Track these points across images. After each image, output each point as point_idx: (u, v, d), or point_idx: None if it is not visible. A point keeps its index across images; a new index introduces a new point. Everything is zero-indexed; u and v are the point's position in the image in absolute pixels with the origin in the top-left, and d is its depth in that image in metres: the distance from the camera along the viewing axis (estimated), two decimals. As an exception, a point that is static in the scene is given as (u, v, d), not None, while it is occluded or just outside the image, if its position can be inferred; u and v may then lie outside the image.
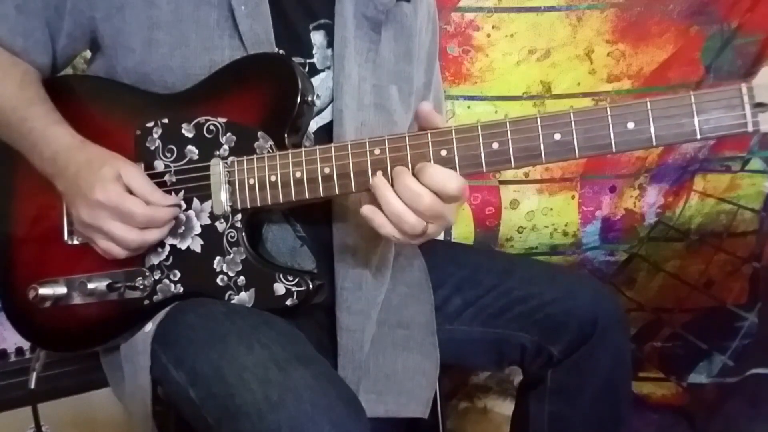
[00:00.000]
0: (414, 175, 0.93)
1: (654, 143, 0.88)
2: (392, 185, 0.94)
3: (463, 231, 2.03)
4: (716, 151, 2.02)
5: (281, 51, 1.10)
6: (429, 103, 0.99)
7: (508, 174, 2.00)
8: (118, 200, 1.00)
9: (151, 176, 1.06)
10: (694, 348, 2.05)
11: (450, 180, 0.92)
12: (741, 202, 2.01)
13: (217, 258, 1.04)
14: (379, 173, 0.96)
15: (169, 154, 1.07)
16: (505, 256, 1.85)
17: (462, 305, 1.26)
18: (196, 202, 1.06)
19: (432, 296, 1.25)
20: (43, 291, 1.07)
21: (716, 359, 2.02)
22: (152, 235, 1.03)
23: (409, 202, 0.92)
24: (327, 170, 0.99)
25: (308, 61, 1.14)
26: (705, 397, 2.02)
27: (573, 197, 2.04)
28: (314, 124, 1.13)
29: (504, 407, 2.07)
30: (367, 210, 0.95)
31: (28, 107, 1.08)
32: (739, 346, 2.00)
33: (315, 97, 1.07)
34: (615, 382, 1.21)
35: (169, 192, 1.06)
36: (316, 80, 1.13)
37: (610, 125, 0.88)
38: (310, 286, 1.02)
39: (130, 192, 1.02)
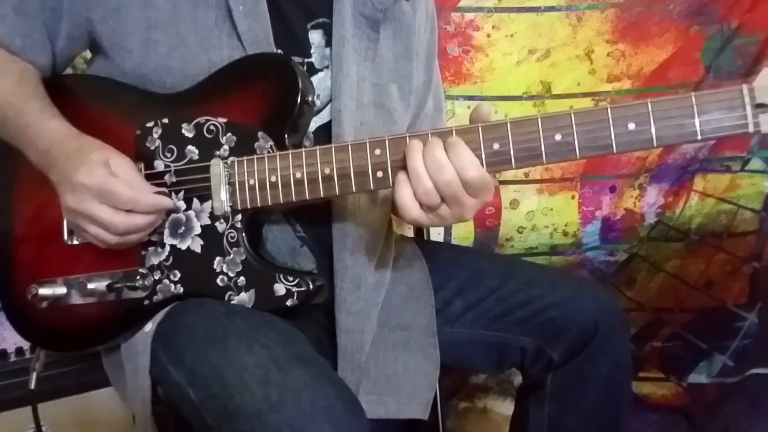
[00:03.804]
0: (445, 148, 0.93)
1: (655, 144, 0.88)
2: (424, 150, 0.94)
3: (463, 231, 2.03)
4: (716, 151, 2.02)
5: (279, 51, 1.10)
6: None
7: (508, 174, 2.00)
8: (101, 180, 0.99)
9: (151, 176, 1.07)
10: (694, 348, 2.05)
11: (471, 165, 0.92)
12: (741, 202, 2.01)
13: (217, 258, 1.04)
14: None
15: (169, 154, 1.07)
16: (507, 258, 1.85)
17: (463, 308, 1.25)
18: (196, 202, 1.06)
19: (433, 298, 1.25)
20: (43, 291, 1.07)
21: (716, 359, 2.02)
22: (139, 220, 1.02)
23: (431, 170, 0.92)
24: (327, 171, 0.99)
25: (306, 60, 1.14)
26: (705, 397, 2.02)
27: (573, 197, 2.04)
28: (313, 124, 1.12)
29: (504, 407, 2.07)
30: (401, 175, 0.95)
31: (25, 103, 1.08)
32: (739, 346, 1.99)
33: (315, 97, 1.07)
34: (615, 387, 1.21)
35: (169, 192, 1.06)
36: (314, 80, 1.13)
37: (611, 126, 0.88)
38: (311, 286, 1.02)
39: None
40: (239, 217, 1.04)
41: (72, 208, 1.02)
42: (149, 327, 1.05)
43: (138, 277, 1.07)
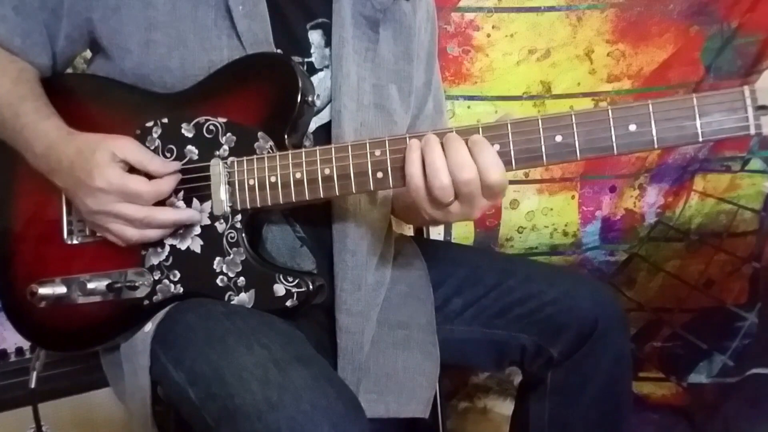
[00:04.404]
0: (468, 146, 0.92)
1: (655, 145, 0.87)
2: (443, 145, 0.92)
3: (463, 231, 2.03)
4: (716, 151, 2.02)
5: (279, 50, 1.10)
6: None
7: (508, 174, 1.98)
8: (120, 182, 1.00)
9: (151, 177, 1.06)
10: (694, 348, 2.05)
11: (495, 167, 0.91)
12: (741, 202, 2.01)
13: (217, 258, 1.04)
14: None
15: (168, 154, 1.07)
16: (505, 256, 1.85)
17: (462, 305, 1.25)
18: (195, 202, 1.05)
19: (432, 296, 1.25)
20: (43, 291, 1.07)
21: (716, 359, 2.02)
22: (164, 214, 1.03)
23: (452, 165, 0.91)
24: (327, 171, 0.99)
25: (306, 60, 1.14)
26: (705, 397, 2.02)
27: (573, 197, 2.04)
28: (313, 124, 1.12)
29: (504, 407, 2.07)
30: (414, 143, 0.93)
31: (21, 104, 1.08)
32: (739, 346, 1.99)
33: (315, 97, 1.07)
34: (615, 383, 1.21)
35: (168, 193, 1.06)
36: (314, 80, 1.13)
37: (612, 127, 0.88)
38: (310, 286, 1.02)
39: (130, 169, 1.02)
40: (239, 217, 1.04)
41: (95, 210, 1.02)
42: (149, 327, 1.05)
43: (138, 277, 1.07)
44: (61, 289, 1.08)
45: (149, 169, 1.03)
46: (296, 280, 1.02)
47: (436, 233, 1.96)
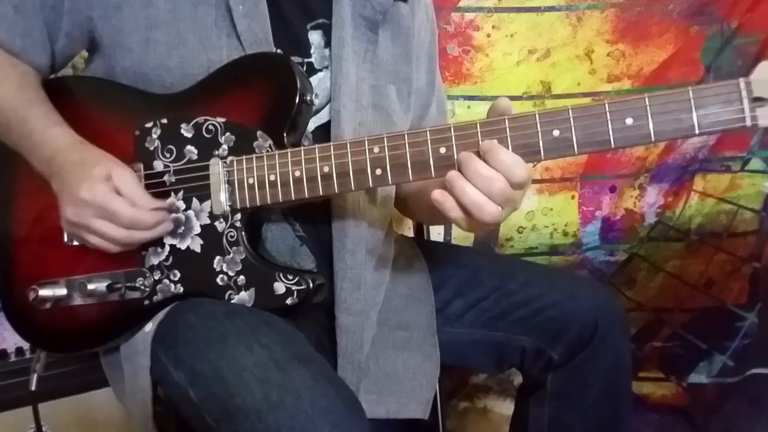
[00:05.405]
0: (482, 158, 0.91)
1: (653, 139, 0.88)
2: (461, 171, 0.91)
3: (463, 231, 2.02)
4: (716, 151, 2.02)
5: (279, 50, 1.10)
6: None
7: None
8: (103, 199, 1.00)
9: (151, 176, 1.07)
10: (694, 348, 2.04)
11: (517, 167, 0.90)
12: (741, 202, 2.01)
13: (217, 258, 1.04)
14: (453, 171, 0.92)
15: (168, 154, 1.07)
16: (506, 258, 1.85)
17: (463, 307, 1.25)
18: (195, 201, 1.06)
19: (432, 297, 1.25)
20: (43, 292, 1.07)
21: (716, 359, 2.01)
22: (140, 235, 1.03)
23: (482, 187, 0.90)
24: (326, 169, 0.99)
25: (306, 60, 1.14)
26: (705, 397, 2.02)
27: (573, 197, 2.03)
28: (312, 124, 1.13)
29: (504, 407, 2.07)
30: (438, 194, 0.92)
31: (28, 108, 1.08)
32: (739, 346, 1.99)
33: (314, 96, 1.07)
34: (615, 386, 1.21)
35: (168, 192, 1.07)
36: (314, 80, 1.13)
37: (609, 121, 0.88)
38: (310, 285, 1.02)
39: (119, 194, 1.02)
40: (238, 216, 1.04)
41: (73, 221, 1.03)
42: (149, 327, 1.05)
43: (138, 278, 1.07)
44: (62, 291, 1.09)
45: (136, 202, 1.02)
46: (296, 278, 1.02)
47: (437, 233, 1.96)
